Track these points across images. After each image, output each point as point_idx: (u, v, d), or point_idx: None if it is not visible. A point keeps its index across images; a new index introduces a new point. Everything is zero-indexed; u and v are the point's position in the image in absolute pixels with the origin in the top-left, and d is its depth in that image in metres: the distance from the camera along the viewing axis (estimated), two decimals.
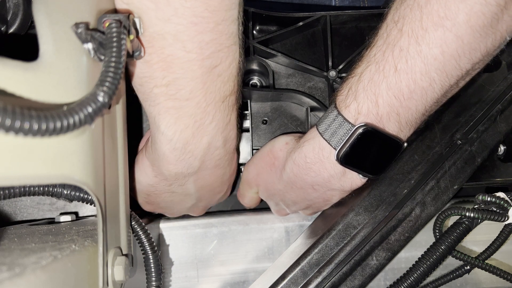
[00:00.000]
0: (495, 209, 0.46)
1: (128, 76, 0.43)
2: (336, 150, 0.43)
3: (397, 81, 0.39)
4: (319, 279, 0.47)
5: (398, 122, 0.42)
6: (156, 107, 0.39)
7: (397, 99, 0.40)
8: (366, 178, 0.46)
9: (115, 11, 0.36)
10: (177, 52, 0.36)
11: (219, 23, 0.36)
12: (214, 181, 0.48)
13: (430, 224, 0.48)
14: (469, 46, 0.37)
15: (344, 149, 0.42)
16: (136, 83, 0.39)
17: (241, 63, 0.42)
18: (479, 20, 0.36)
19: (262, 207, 0.60)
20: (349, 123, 0.42)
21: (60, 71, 0.30)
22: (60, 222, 0.50)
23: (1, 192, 0.41)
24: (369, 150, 0.43)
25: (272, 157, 0.50)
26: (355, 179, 0.46)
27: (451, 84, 0.40)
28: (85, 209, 0.59)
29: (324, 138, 0.44)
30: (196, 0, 0.34)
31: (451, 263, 0.51)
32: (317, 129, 0.45)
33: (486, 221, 0.46)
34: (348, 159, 0.43)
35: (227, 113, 0.42)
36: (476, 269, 0.50)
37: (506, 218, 0.46)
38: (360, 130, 0.41)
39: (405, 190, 0.48)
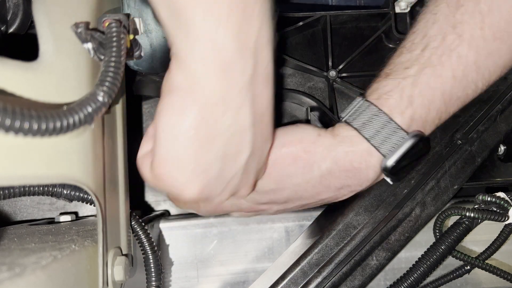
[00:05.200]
0: (495, 209, 0.46)
1: (127, 77, 0.43)
2: (385, 158, 0.41)
3: (452, 88, 0.39)
4: (319, 279, 0.46)
5: (436, 126, 0.41)
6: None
7: (445, 105, 0.40)
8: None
9: (116, 10, 0.36)
10: None
11: None
12: (267, 103, 0.36)
13: (430, 224, 0.48)
14: None
15: (395, 158, 0.40)
16: None
17: None
18: None
19: None
20: (403, 130, 0.40)
21: (60, 71, 0.30)
22: (60, 222, 0.50)
23: (1, 192, 0.40)
24: (412, 158, 0.41)
25: (301, 149, 0.42)
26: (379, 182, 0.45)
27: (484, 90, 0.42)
28: (85, 209, 0.59)
29: (372, 145, 0.41)
30: None
31: (451, 263, 0.51)
32: (361, 133, 0.41)
33: (486, 221, 0.46)
34: (395, 168, 0.41)
35: (268, 2, 0.32)
36: (476, 269, 0.50)
37: (506, 218, 0.45)
38: (415, 139, 0.40)
39: (405, 190, 0.48)
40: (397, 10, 0.55)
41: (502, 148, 0.53)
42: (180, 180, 0.34)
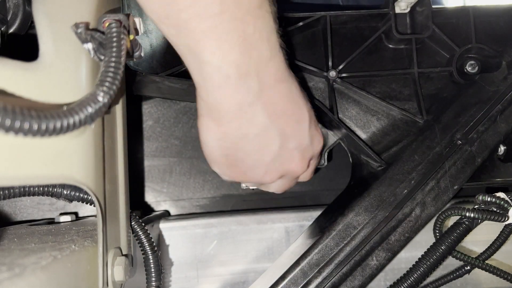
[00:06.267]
0: (495, 209, 0.46)
1: (127, 77, 0.43)
2: None
3: None
4: (319, 280, 0.47)
5: None
6: (191, 35, 0.34)
7: None
8: None
9: (116, 11, 0.36)
10: None
11: None
12: (285, 100, 0.41)
13: (430, 224, 0.48)
14: None
15: None
16: (161, 17, 0.34)
17: None
18: None
19: (261, 207, 0.60)
20: None
21: (60, 71, 0.31)
22: (60, 222, 0.50)
23: (1, 192, 0.40)
24: None
25: None
26: None
27: None
28: (85, 209, 0.59)
29: None
30: None
31: (451, 263, 0.51)
32: None
33: (486, 221, 0.46)
34: None
35: (267, 20, 0.37)
36: (476, 269, 0.50)
37: (506, 218, 0.45)
38: None
39: (405, 190, 0.48)
40: (397, 10, 0.55)
41: (502, 148, 0.53)
42: (223, 171, 0.45)
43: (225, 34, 0.35)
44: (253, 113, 0.39)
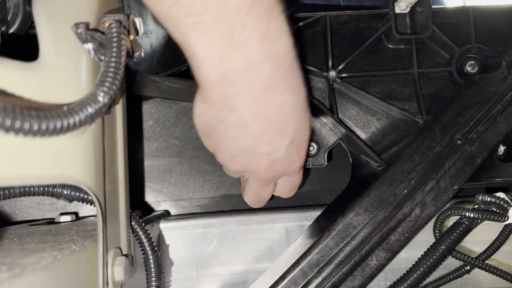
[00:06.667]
0: (495, 209, 0.46)
1: (127, 77, 0.43)
2: None
3: None
4: (319, 279, 0.47)
5: None
6: (179, 29, 0.37)
7: None
8: None
9: (116, 11, 0.36)
10: None
11: None
12: (272, 110, 0.41)
13: (430, 224, 0.48)
14: None
15: None
16: (156, 12, 0.37)
17: None
18: None
19: (261, 207, 0.60)
20: None
21: (60, 71, 0.31)
22: (60, 222, 0.50)
23: (1, 192, 0.41)
24: None
25: None
26: None
27: None
28: (85, 209, 0.59)
29: None
30: None
31: (451, 263, 0.51)
32: None
33: (486, 221, 0.46)
34: None
35: (261, 22, 0.37)
36: (476, 269, 0.50)
37: (506, 218, 0.46)
38: None
39: (405, 190, 0.48)
40: (397, 10, 0.55)
41: (502, 148, 0.54)
42: (201, 137, 0.48)
43: (208, 30, 0.36)
44: (235, 105, 0.41)
